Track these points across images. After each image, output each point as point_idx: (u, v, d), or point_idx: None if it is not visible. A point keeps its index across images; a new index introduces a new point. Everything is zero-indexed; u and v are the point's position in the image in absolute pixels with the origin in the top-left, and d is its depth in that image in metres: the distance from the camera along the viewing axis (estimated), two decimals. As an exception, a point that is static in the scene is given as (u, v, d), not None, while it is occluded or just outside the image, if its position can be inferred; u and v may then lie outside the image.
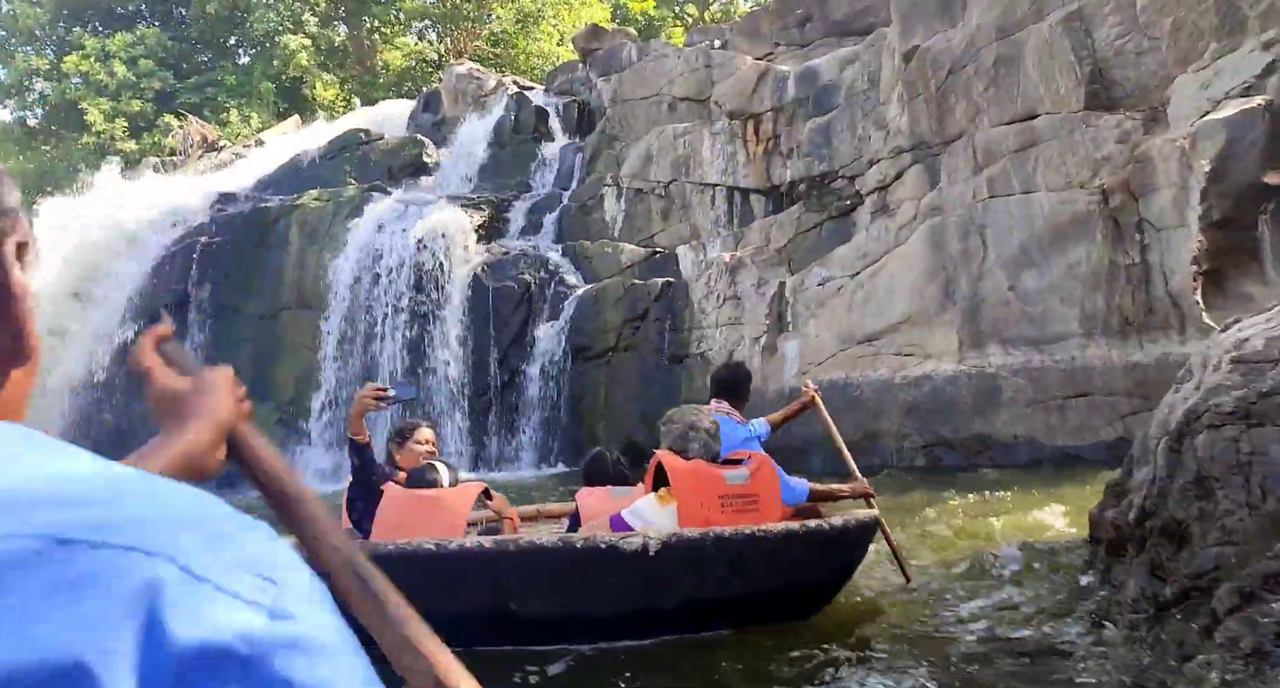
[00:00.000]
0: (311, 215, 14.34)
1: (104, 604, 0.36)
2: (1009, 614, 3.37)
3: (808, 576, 3.58)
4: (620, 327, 11.58)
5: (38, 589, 0.36)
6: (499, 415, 12.03)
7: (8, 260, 0.50)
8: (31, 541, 0.37)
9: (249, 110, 24.29)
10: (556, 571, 3.35)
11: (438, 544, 3.37)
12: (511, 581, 3.36)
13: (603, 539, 3.27)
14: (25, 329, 0.51)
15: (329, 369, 12.96)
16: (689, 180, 12.32)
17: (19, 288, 0.50)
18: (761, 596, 3.49)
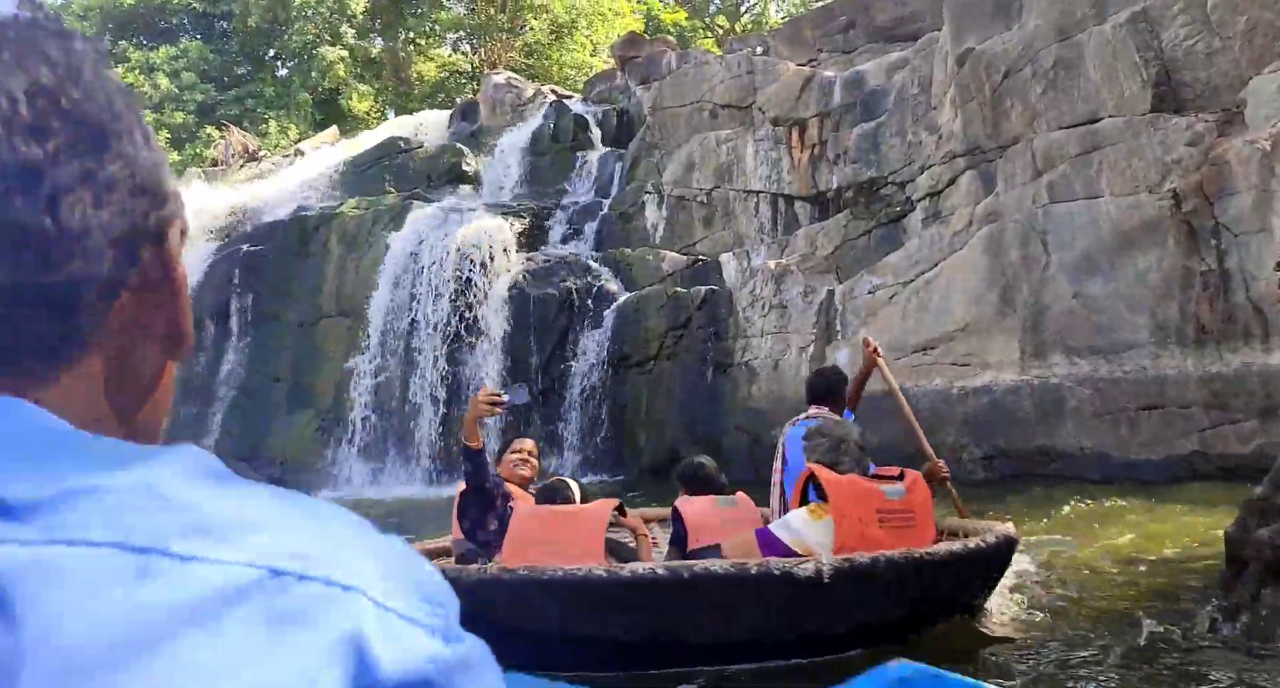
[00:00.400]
0: (351, 224, 14.30)
1: (318, 637, 0.37)
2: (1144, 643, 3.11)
3: (965, 594, 3.51)
4: (662, 335, 11.37)
5: (260, 619, 0.36)
6: (540, 424, 11.85)
7: (175, 249, 0.48)
8: (249, 570, 0.37)
9: (287, 121, 24.47)
10: (727, 596, 3.21)
11: (608, 571, 3.28)
12: (682, 606, 3.23)
13: (775, 566, 3.14)
14: (186, 320, 0.50)
15: (368, 377, 12.87)
16: (732, 187, 12.11)
17: (182, 278, 0.49)
18: (922, 616, 3.39)
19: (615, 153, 14.40)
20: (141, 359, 0.48)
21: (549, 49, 26.64)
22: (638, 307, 11.59)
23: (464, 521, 3.82)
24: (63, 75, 0.42)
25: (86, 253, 0.42)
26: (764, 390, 10.50)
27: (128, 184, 0.44)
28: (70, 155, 0.41)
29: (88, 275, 0.43)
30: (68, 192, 0.41)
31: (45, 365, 0.43)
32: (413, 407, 12.40)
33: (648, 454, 11.11)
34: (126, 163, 0.44)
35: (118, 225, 0.43)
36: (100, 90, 0.44)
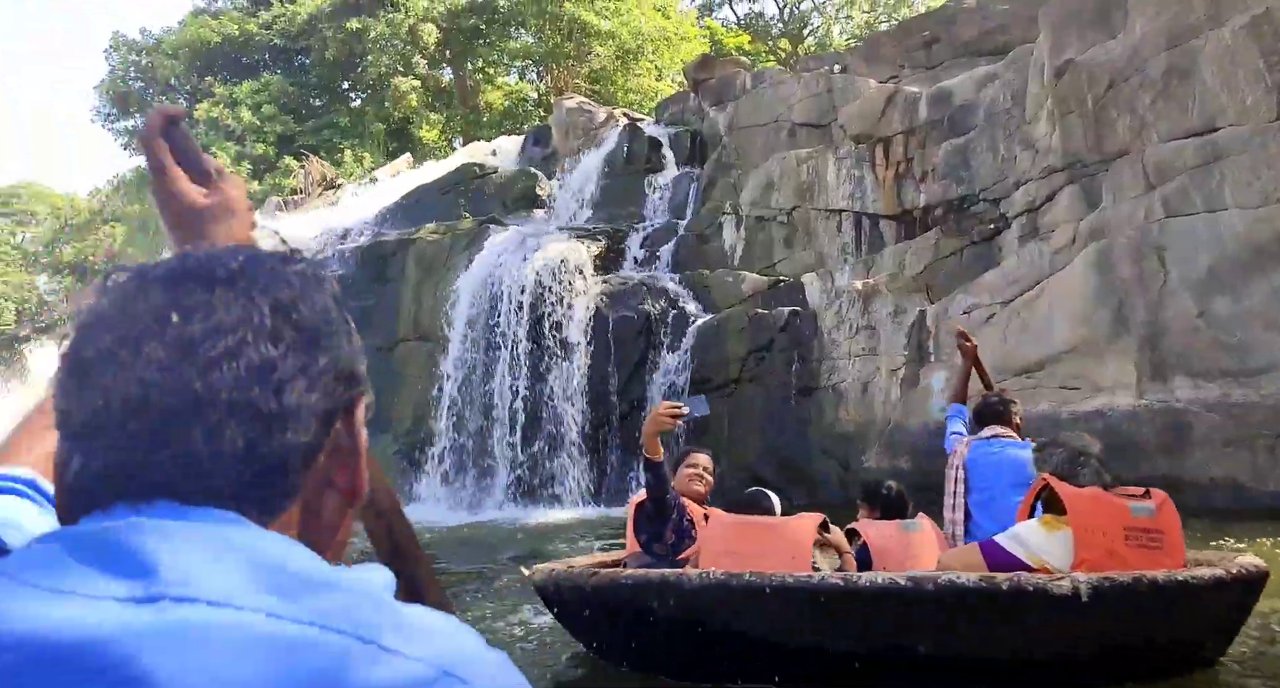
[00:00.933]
0: (428, 248, 14.36)
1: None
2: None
3: (1222, 625, 3.20)
4: (744, 357, 11.07)
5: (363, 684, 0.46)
6: (619, 448, 11.62)
7: (359, 424, 0.59)
8: (429, 669, 0.48)
9: (362, 151, 24.95)
10: (970, 612, 3.01)
11: (845, 579, 3.14)
12: (922, 620, 3.06)
13: (1029, 581, 2.92)
14: (363, 479, 0.60)
15: (447, 401, 12.82)
16: (813, 207, 11.80)
17: (364, 444, 0.60)
18: (1183, 645, 3.14)
19: (690, 174, 14.22)
20: (329, 509, 0.58)
21: (614, 75, 26.74)
22: (718, 329, 11.33)
23: (641, 534, 3.76)
24: (296, 295, 0.56)
25: (299, 426, 0.54)
26: (852, 414, 10.11)
27: (333, 372, 0.56)
28: (295, 353, 0.54)
29: (298, 444, 0.54)
30: (291, 380, 0.54)
31: (263, 513, 0.53)
32: (491, 430, 12.29)
33: (729, 480, 10.76)
34: (333, 357, 0.56)
35: (323, 404, 0.55)
36: (320, 304, 0.57)
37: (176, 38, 25.48)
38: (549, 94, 28.54)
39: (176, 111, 0.86)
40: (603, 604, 3.49)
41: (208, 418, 0.51)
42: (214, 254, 0.57)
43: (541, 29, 25.93)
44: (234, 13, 25.85)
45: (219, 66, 25.64)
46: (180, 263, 0.56)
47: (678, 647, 3.34)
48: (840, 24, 34.64)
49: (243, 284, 0.55)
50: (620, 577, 3.45)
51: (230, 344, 0.52)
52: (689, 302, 12.02)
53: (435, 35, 24.88)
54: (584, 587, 3.48)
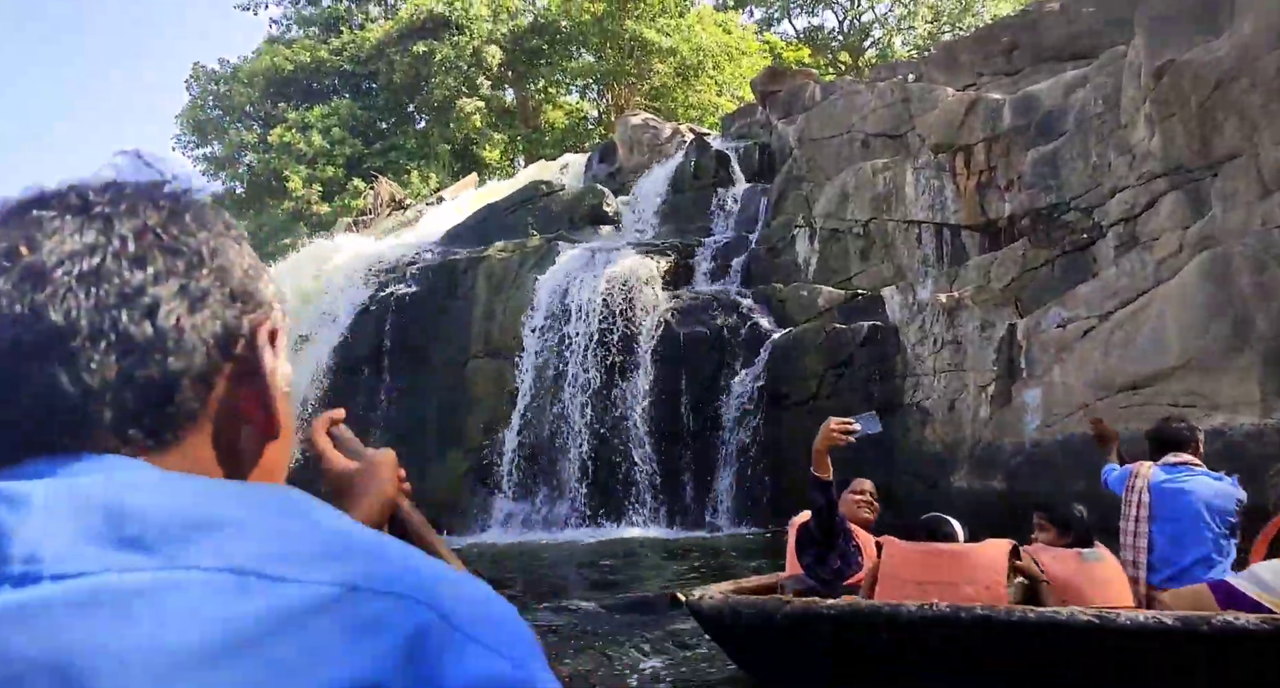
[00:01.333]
0: (498, 266, 14.33)
1: (391, 640, 0.43)
2: None
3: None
4: (822, 373, 10.73)
5: (338, 627, 0.43)
6: (692, 467, 11.36)
7: (264, 348, 0.56)
8: (330, 587, 0.44)
9: (428, 171, 25.28)
10: (1205, 650, 2.78)
11: (1100, 616, 2.89)
12: (1194, 661, 2.82)
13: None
14: (275, 407, 0.57)
15: (518, 418, 12.71)
16: (891, 218, 11.43)
17: (268, 370, 0.56)
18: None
19: (759, 187, 13.96)
20: (245, 442, 0.56)
21: (674, 91, 26.67)
22: (794, 344, 11.01)
23: (804, 556, 3.66)
24: (166, 217, 0.54)
25: (181, 351, 0.51)
26: (939, 433, 9.69)
27: (221, 293, 0.54)
28: (169, 275, 0.52)
29: (183, 369, 0.51)
30: (165, 303, 0.51)
31: (153, 446, 0.51)
32: (563, 447, 12.14)
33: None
34: (220, 278, 0.54)
35: (211, 327, 0.53)
36: (198, 225, 0.55)
37: (252, 66, 26.22)
38: (609, 112, 28.63)
39: (337, 416, 1.04)
40: (792, 633, 3.31)
41: (69, 350, 0.49)
42: (72, 183, 0.54)
43: (602, 48, 26.03)
44: (306, 40, 26.51)
45: (291, 93, 26.29)
46: (34, 194, 0.54)
47: (880, 679, 3.14)
48: (903, 35, 34.10)
49: (102, 210, 0.53)
50: (819, 607, 3.29)
51: (87, 269, 0.50)
52: (762, 317, 11.73)
53: (499, 57, 25.15)
54: (773, 615, 3.31)
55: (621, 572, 8.85)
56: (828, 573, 3.58)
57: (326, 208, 24.14)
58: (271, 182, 25.88)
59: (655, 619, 5.91)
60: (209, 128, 27.22)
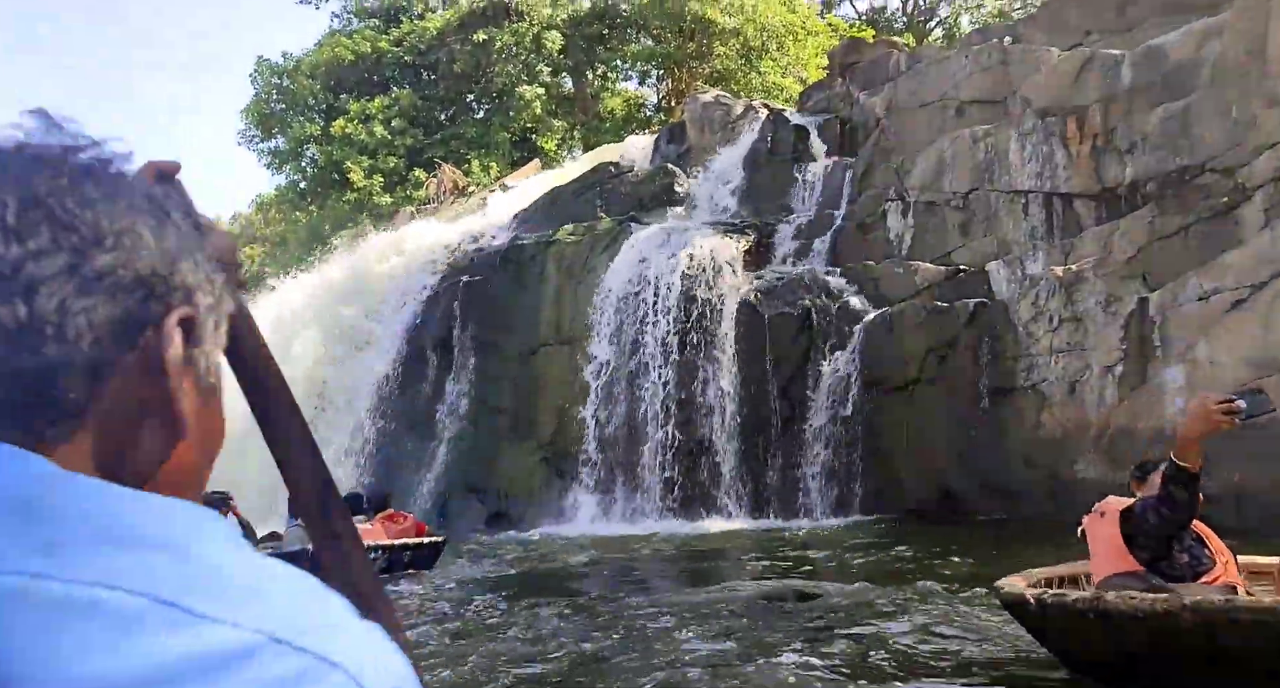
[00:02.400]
0: (568, 250, 13.78)
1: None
2: None
3: None
4: (923, 356, 9.93)
5: (256, 680, 0.41)
6: (781, 455, 10.66)
7: (167, 335, 0.50)
8: (254, 635, 0.41)
9: (488, 160, 24.87)
10: None
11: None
12: None
13: None
14: (180, 404, 0.51)
15: (593, 405, 12.14)
16: (993, 188, 10.56)
17: (174, 362, 0.50)
18: None
19: (843, 162, 13.15)
20: (144, 441, 0.50)
21: (737, 74, 25.84)
22: (891, 324, 10.23)
23: (1142, 551, 3.25)
24: (61, 186, 0.47)
25: (66, 336, 0.45)
26: (1059, 417, 8.84)
27: (122, 276, 0.47)
28: (56, 251, 0.46)
29: (69, 357, 0.46)
30: (48, 282, 0.45)
31: (33, 439, 0.46)
32: (641, 436, 11.54)
33: (912, 492, 9.66)
34: (122, 258, 0.47)
35: (107, 312, 0.46)
36: (101, 196, 0.48)
37: (313, 58, 26.11)
38: (669, 97, 27.93)
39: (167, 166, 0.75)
40: (1148, 631, 3.02)
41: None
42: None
43: (663, 31, 25.33)
44: (367, 31, 26.31)
45: (352, 84, 26.12)
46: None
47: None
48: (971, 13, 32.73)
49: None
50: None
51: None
52: (853, 296, 10.97)
53: (558, 42, 24.60)
54: (1130, 613, 3.02)
55: (712, 568, 8.20)
56: (1174, 569, 3.23)
57: (388, 199, 23.90)
58: (333, 174, 25.76)
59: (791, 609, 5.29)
60: (273, 121, 27.22)
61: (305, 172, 26.71)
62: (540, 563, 8.55)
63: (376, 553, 8.24)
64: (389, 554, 8.28)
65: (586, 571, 8.16)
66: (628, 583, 7.33)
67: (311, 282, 17.08)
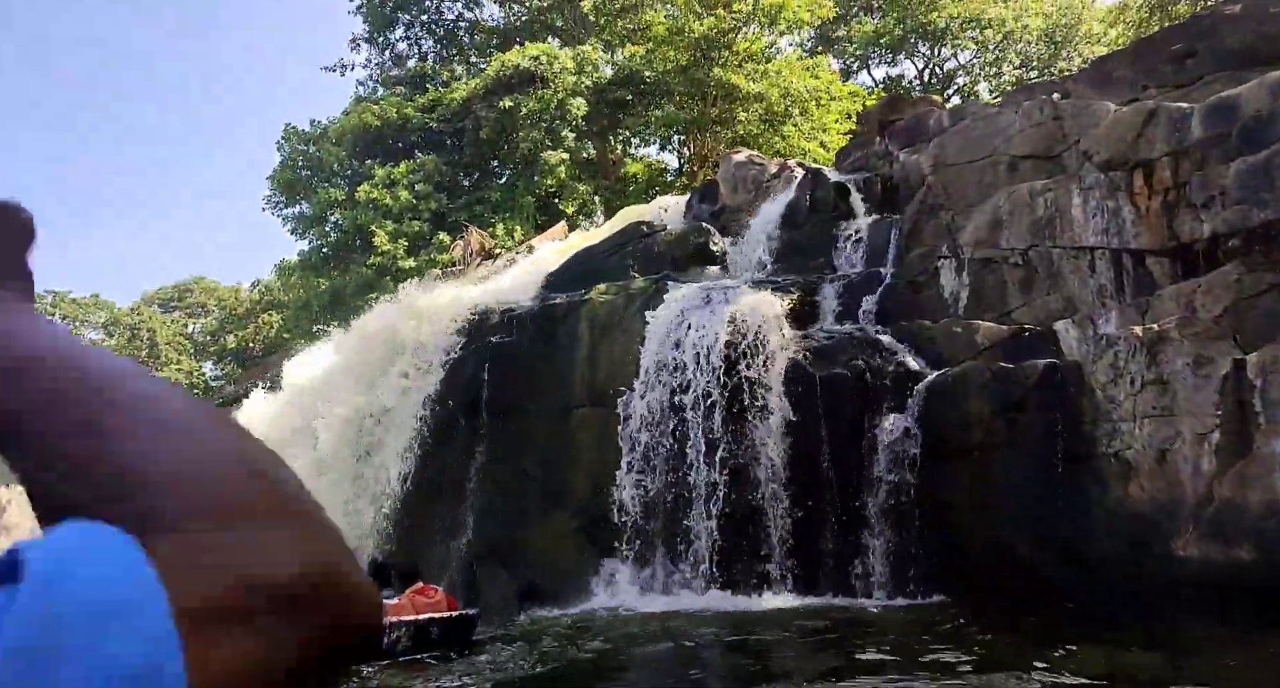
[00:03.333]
0: (601, 309, 13.26)
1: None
2: None
3: None
4: (988, 419, 9.24)
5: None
6: (836, 525, 9.88)
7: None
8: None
9: (512, 223, 24.69)
10: None
11: None
12: None
13: None
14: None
15: (630, 472, 11.43)
16: (1055, 245, 10.04)
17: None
18: None
19: (888, 220, 12.71)
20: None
21: (759, 138, 25.81)
22: (952, 386, 9.57)
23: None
24: None
25: None
26: (1147, 489, 8.09)
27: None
28: None
29: None
30: None
31: None
32: (684, 503, 10.79)
33: (980, 566, 8.84)
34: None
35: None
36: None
37: (340, 124, 26.27)
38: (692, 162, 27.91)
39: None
40: None
41: None
42: None
43: (687, 96, 25.41)
44: (393, 98, 26.52)
45: (378, 150, 26.21)
46: None
47: None
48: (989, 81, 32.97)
49: None
50: None
51: None
52: (908, 357, 10.35)
53: (583, 108, 24.68)
54: None
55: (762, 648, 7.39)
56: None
57: (412, 262, 23.65)
58: (357, 239, 25.62)
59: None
60: (298, 187, 27.27)
61: (329, 236, 26.61)
62: (579, 652, 7.74)
63: (402, 630, 7.51)
64: (413, 631, 7.55)
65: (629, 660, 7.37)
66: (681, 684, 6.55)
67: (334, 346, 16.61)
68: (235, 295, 42.29)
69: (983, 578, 8.75)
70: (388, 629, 7.27)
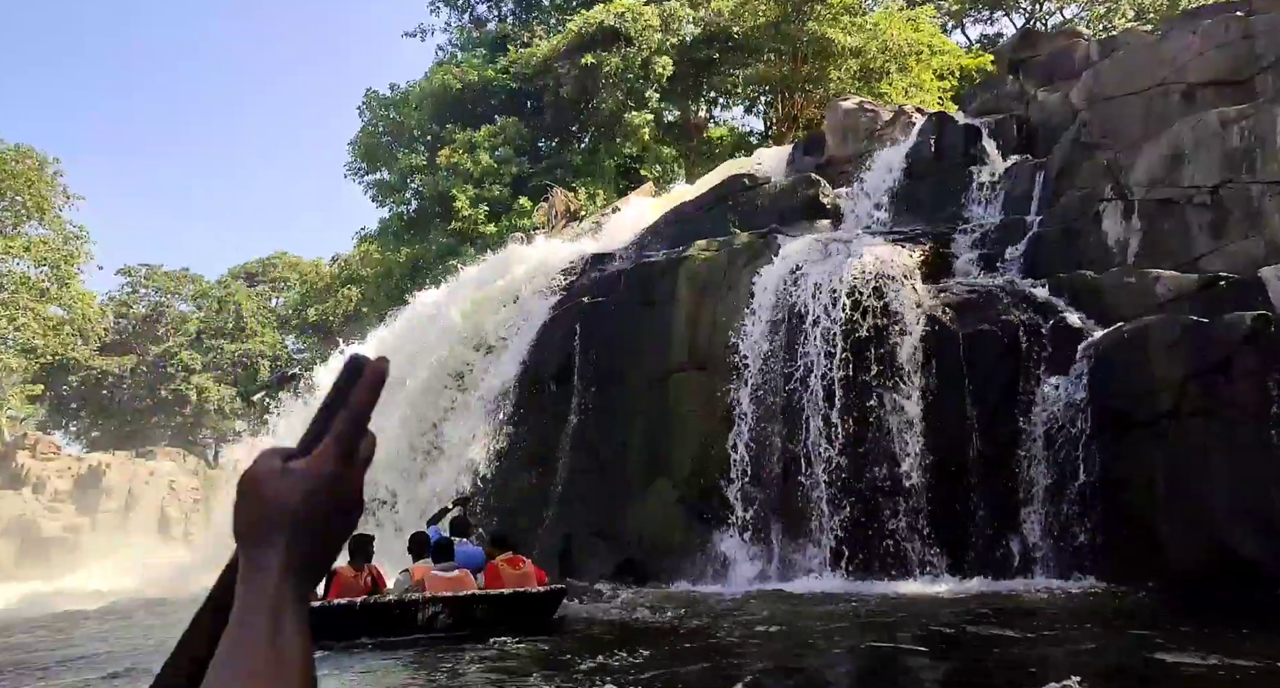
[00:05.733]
0: (702, 267, 12.04)
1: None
2: None
3: None
4: (1180, 383, 7.77)
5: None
6: (985, 504, 8.57)
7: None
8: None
9: (594, 188, 23.61)
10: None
11: None
12: None
13: None
14: None
15: (742, 442, 10.27)
16: (1255, 180, 8.42)
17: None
18: None
19: (1030, 162, 11.16)
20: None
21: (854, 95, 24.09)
22: (1131, 344, 8.11)
23: None
24: None
25: None
26: (1400, 463, 6.56)
27: None
28: None
29: None
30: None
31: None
32: (803, 478, 9.59)
33: (1180, 555, 7.42)
34: None
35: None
36: None
37: (421, 88, 25.53)
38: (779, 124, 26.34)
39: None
40: None
41: None
42: None
43: (777, 54, 23.84)
44: (474, 60, 25.63)
45: (458, 114, 25.39)
46: None
47: None
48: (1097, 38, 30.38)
49: None
50: None
51: None
52: (1069, 312, 8.90)
53: (669, 68, 23.36)
54: None
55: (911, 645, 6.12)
56: None
57: (493, 228, 22.81)
58: (437, 206, 24.91)
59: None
60: (379, 153, 26.69)
61: (409, 203, 25.97)
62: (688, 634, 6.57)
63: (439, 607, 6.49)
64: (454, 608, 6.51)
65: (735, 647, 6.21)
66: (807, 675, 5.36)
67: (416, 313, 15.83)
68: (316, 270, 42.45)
69: (1181, 567, 7.34)
70: (420, 605, 6.34)
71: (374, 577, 6.98)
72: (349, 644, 6.21)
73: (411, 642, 6.30)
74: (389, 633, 6.29)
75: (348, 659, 5.85)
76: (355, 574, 6.84)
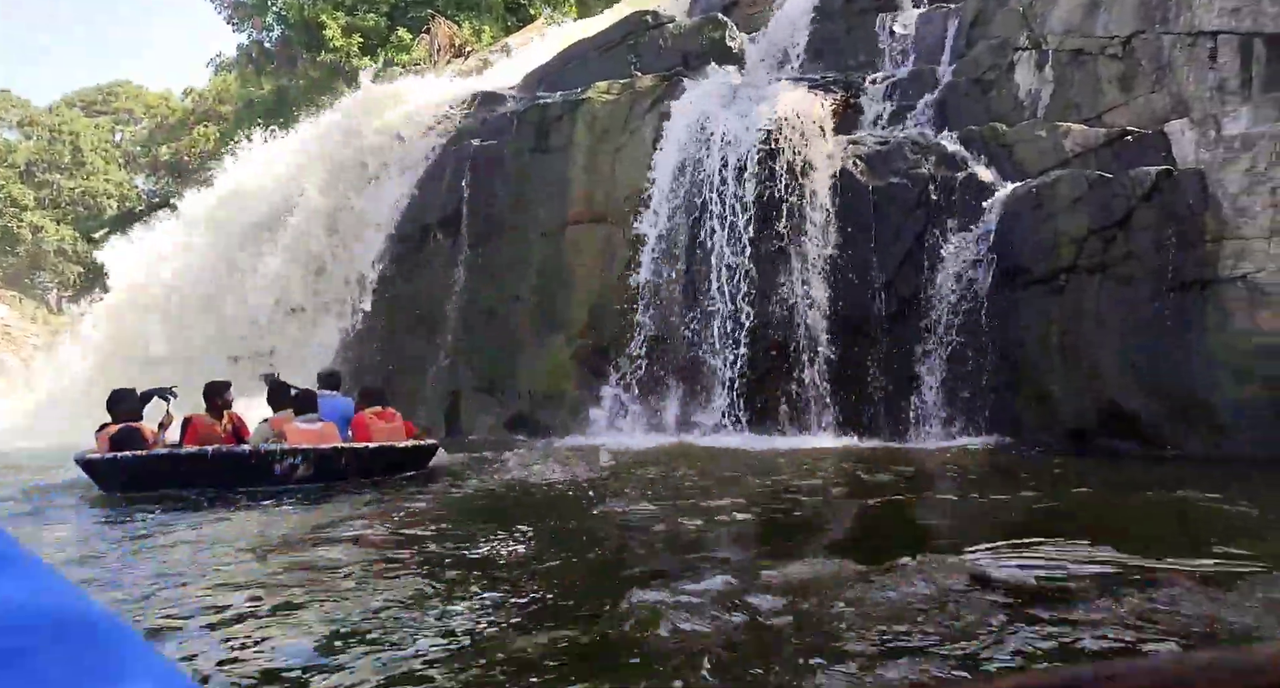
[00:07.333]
0: (602, 111, 11.05)
1: None
2: None
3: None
4: (1081, 239, 7.68)
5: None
6: (886, 360, 8.49)
7: None
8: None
9: (480, 24, 21.47)
10: None
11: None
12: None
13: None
14: None
15: (641, 296, 9.77)
16: (1167, 30, 8.12)
17: None
18: None
19: (943, 9, 10.53)
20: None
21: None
22: (1037, 199, 7.93)
23: None
24: None
25: None
26: (1277, 320, 6.73)
27: None
28: None
29: None
30: None
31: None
32: (706, 334, 9.26)
33: (1068, 411, 7.57)
34: None
35: None
36: None
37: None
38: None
39: None
40: None
41: None
42: None
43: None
44: None
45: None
46: None
47: None
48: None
49: None
50: None
51: None
52: (978, 166, 8.61)
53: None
54: None
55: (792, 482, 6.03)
56: None
57: (368, 62, 20.51)
58: (304, 35, 22.12)
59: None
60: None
61: (271, 28, 22.97)
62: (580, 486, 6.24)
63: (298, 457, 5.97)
64: (314, 459, 6.01)
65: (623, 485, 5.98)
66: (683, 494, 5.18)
67: (286, 148, 14.13)
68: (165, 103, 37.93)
69: (1070, 422, 7.50)
70: (279, 456, 5.82)
71: (235, 425, 6.31)
72: (203, 494, 5.61)
73: (275, 494, 5.72)
74: (244, 483, 5.69)
75: (195, 513, 5.22)
76: (213, 423, 6.16)
